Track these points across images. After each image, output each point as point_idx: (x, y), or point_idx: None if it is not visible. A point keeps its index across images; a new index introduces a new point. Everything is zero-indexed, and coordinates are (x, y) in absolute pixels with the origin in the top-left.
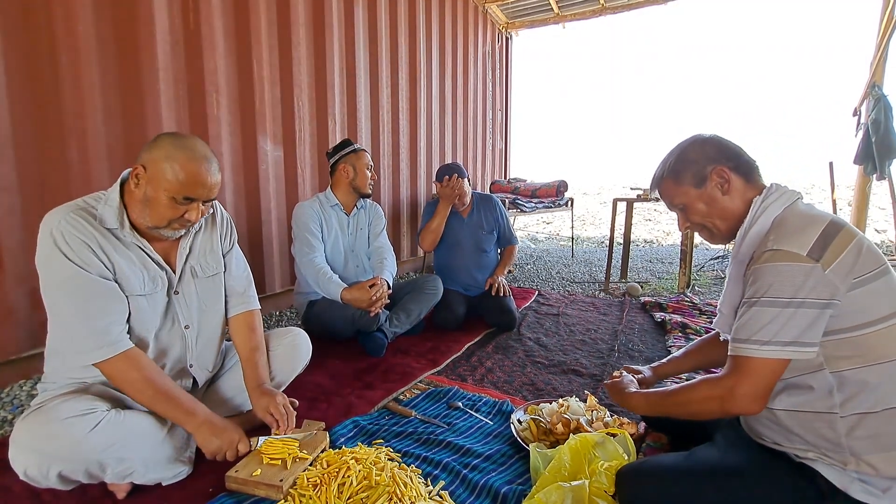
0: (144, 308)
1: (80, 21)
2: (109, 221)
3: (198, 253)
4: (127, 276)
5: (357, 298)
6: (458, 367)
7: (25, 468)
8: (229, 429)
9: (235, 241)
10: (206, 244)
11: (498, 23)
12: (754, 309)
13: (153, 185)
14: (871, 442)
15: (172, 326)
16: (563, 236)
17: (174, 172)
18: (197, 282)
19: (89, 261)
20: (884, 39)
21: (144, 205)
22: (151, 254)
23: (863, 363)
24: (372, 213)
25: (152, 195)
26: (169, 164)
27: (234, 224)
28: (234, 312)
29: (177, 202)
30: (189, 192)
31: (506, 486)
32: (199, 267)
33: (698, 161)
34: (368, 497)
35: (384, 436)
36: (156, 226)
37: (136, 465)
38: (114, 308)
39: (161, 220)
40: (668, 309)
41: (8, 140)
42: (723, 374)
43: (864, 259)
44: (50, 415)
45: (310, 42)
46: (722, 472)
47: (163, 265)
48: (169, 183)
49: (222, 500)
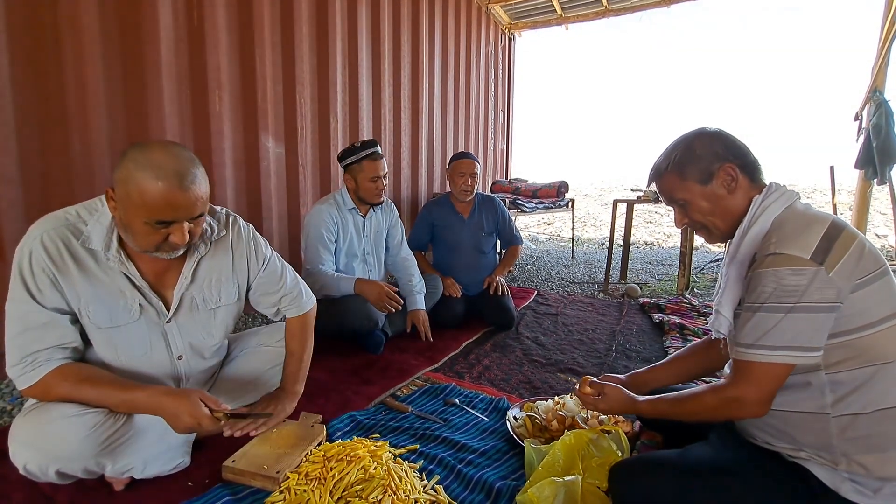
0: (121, 339)
1: (84, 16)
2: (95, 242)
3: (202, 282)
4: (96, 308)
5: (371, 291)
6: (455, 365)
7: (25, 463)
8: (186, 395)
9: (267, 259)
10: (214, 272)
11: (501, 23)
12: (759, 314)
13: (123, 208)
14: (862, 442)
15: (162, 356)
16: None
17: (139, 194)
18: (196, 314)
19: (46, 292)
20: (885, 45)
21: (124, 230)
22: (136, 280)
23: (857, 365)
24: (388, 215)
25: (126, 220)
26: (133, 185)
27: (258, 239)
28: (281, 315)
29: (152, 226)
30: (160, 216)
31: (500, 481)
32: (202, 298)
33: (706, 157)
34: (363, 490)
35: (380, 430)
36: (144, 250)
37: (136, 463)
38: (51, 338)
39: (146, 244)
40: (666, 310)
41: (11, 133)
42: (728, 380)
43: (865, 260)
44: (51, 413)
45: (313, 40)
46: (715, 471)
47: (148, 294)
48: (136, 207)
49: (218, 490)
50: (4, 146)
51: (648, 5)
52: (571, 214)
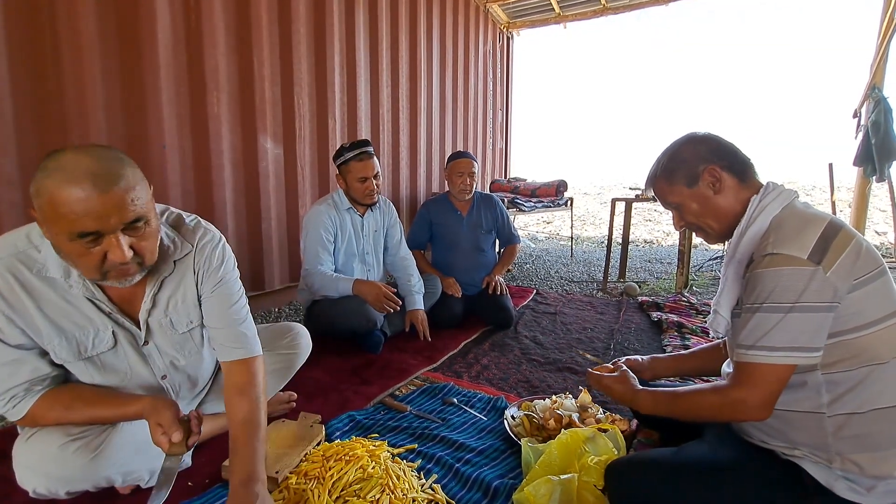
0: (98, 367)
1: (82, 18)
2: (52, 269)
3: (166, 305)
4: (60, 343)
5: (369, 292)
6: (454, 364)
7: (34, 488)
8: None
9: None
10: (179, 293)
11: (499, 22)
12: (758, 315)
13: (45, 227)
14: (856, 441)
15: (144, 378)
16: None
17: (51, 206)
18: (170, 337)
19: (6, 330)
20: (884, 41)
21: (59, 253)
22: (105, 306)
23: (854, 365)
24: (387, 215)
25: (53, 241)
26: (44, 197)
27: (226, 252)
28: (222, 359)
29: (78, 243)
30: (80, 227)
31: (497, 479)
32: (169, 322)
33: (690, 160)
34: (362, 489)
35: (379, 430)
36: (91, 278)
37: (143, 474)
38: (24, 373)
39: (88, 269)
40: (664, 309)
41: (11, 136)
42: (730, 382)
43: (863, 260)
44: (52, 441)
45: (310, 40)
46: (710, 468)
47: (120, 320)
48: (53, 222)
49: (217, 490)
50: (4, 148)
51: (647, 3)
52: (570, 213)
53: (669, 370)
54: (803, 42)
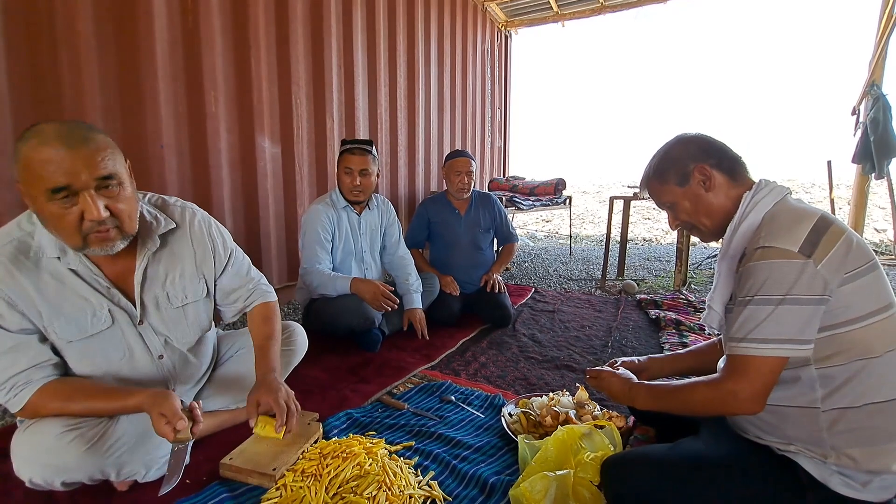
0: (97, 348)
1: (80, 19)
2: (48, 250)
3: (162, 280)
4: (61, 324)
5: (367, 290)
6: (452, 363)
7: (30, 477)
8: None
9: (233, 252)
10: (175, 268)
11: (497, 21)
12: (749, 308)
13: (26, 193)
14: (851, 436)
15: (142, 358)
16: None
17: (27, 167)
18: (165, 313)
19: (7, 316)
20: (883, 38)
21: (43, 222)
22: (100, 283)
23: (847, 359)
24: (385, 214)
25: (34, 206)
26: (22, 161)
27: (222, 231)
28: (248, 306)
29: (55, 202)
30: (52, 182)
31: (494, 476)
32: (166, 296)
33: (680, 160)
34: (359, 486)
35: (377, 428)
36: (73, 245)
37: (139, 468)
38: (24, 360)
39: (67, 232)
40: (663, 306)
41: (9, 136)
42: (722, 375)
43: (854, 254)
44: (49, 431)
45: (308, 40)
46: (705, 464)
47: (116, 297)
48: (30, 183)
49: (215, 487)
50: (2, 149)
51: (645, 1)
52: (569, 211)
53: (666, 370)
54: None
